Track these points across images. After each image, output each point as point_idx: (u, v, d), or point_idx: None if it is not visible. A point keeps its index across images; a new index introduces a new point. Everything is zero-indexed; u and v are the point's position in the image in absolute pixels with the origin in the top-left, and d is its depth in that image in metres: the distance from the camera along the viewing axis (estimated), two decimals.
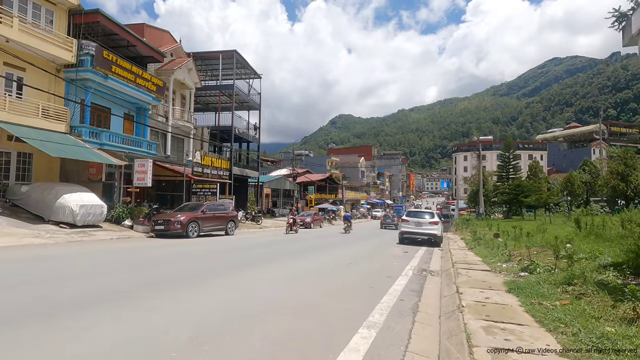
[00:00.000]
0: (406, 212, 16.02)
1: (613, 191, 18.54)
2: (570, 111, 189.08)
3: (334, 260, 9.14)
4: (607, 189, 19.00)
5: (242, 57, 28.68)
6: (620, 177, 18.31)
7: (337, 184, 62.03)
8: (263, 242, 14.27)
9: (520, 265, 7.97)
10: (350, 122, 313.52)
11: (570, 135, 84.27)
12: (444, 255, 11.46)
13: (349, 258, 9.74)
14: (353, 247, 13.58)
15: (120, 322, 3.78)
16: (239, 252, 10.56)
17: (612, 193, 18.73)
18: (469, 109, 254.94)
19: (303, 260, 8.94)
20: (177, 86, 25.04)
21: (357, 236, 20.19)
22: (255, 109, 32.75)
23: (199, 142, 26.86)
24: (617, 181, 18.31)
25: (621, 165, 18.56)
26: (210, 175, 23.19)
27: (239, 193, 31.48)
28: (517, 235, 12.35)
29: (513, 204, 30.91)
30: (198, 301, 4.77)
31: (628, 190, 17.84)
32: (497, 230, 17.40)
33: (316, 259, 9.26)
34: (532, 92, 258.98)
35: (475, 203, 45.77)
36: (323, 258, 9.59)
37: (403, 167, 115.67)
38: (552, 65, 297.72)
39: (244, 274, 6.81)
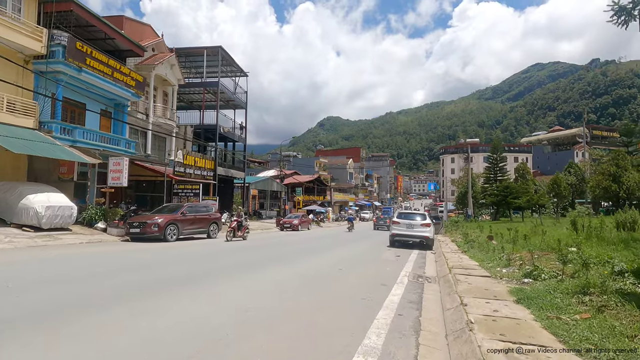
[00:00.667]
0: (397, 214, 15.43)
1: (605, 192, 18.45)
2: (552, 115, 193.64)
3: (323, 266, 8.44)
4: (599, 190, 18.89)
5: (228, 53, 27.78)
6: (612, 179, 18.20)
7: (325, 185, 61.40)
8: (247, 245, 13.46)
9: (522, 270, 7.42)
10: (338, 124, 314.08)
11: (554, 139, 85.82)
12: (438, 259, 10.89)
13: (339, 263, 9.05)
14: (343, 250, 12.90)
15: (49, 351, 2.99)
16: (219, 257, 9.75)
17: (604, 194, 18.62)
18: (455, 113, 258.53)
19: (289, 266, 8.21)
20: (159, 82, 23.98)
21: (348, 238, 19.54)
22: (241, 107, 31.84)
23: (182, 141, 25.83)
24: (609, 182, 18.20)
25: (613, 167, 18.48)
26: (193, 175, 22.20)
27: (224, 194, 30.50)
28: (513, 237, 11.89)
29: (501, 206, 30.83)
30: (165, 315, 4.00)
31: (620, 191, 17.76)
32: (488, 232, 17.00)
33: (304, 265, 8.54)
34: (516, 97, 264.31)
35: (464, 205, 45.75)
36: (311, 263, 8.88)
37: (391, 169, 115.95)
38: (535, 70, 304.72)
39: (222, 283, 6.04)
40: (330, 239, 19.24)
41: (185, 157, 21.20)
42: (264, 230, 24.35)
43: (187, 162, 21.55)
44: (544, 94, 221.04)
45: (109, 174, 15.04)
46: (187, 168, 21.65)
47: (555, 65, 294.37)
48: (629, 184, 17.71)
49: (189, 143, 26.06)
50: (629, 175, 17.99)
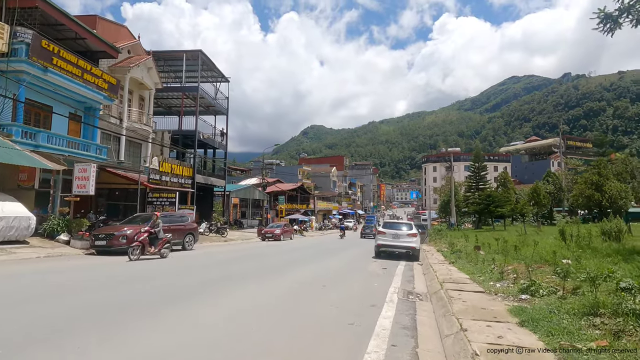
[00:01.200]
0: (382, 224, 14.94)
1: (588, 201, 18.61)
2: (528, 126, 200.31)
3: (305, 283, 7.76)
4: (582, 199, 19.06)
5: (208, 58, 27.00)
6: (595, 187, 18.40)
7: (308, 193, 60.72)
8: (224, 258, 12.61)
9: (518, 285, 6.97)
10: (322, 132, 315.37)
11: (531, 148, 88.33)
12: (426, 272, 10.38)
13: (323, 278, 8.39)
14: (327, 262, 12.23)
15: None
16: (191, 273, 8.91)
17: (587, 203, 18.78)
18: (436, 122, 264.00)
19: (267, 283, 7.48)
20: (135, 86, 22.93)
21: (332, 249, 18.90)
22: (222, 113, 30.96)
23: (158, 148, 24.72)
24: (592, 191, 18.39)
25: (595, 175, 18.71)
26: (169, 183, 21.14)
27: (204, 203, 29.39)
28: (502, 248, 11.55)
29: (484, 214, 30.96)
30: (115, 349, 3.24)
31: (603, 200, 17.93)
32: (474, 241, 16.72)
33: (283, 281, 7.83)
34: (493, 108, 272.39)
35: (446, 213, 45.95)
36: (292, 279, 8.18)
37: (374, 177, 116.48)
38: (511, 83, 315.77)
39: (187, 307, 5.27)
40: (314, 249, 18.54)
41: (161, 164, 20.15)
42: (244, 241, 23.41)
43: (163, 169, 20.50)
44: (520, 105, 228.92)
45: (74, 181, 13.92)
46: (163, 176, 20.58)
47: (530, 78, 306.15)
48: (611, 192, 17.92)
49: (166, 150, 24.95)
50: (611, 184, 18.24)
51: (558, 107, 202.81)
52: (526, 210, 27.67)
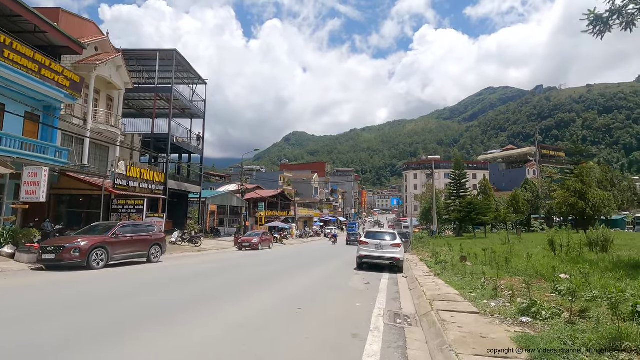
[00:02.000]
0: (365, 233, 14.17)
1: (572, 209, 18.52)
2: (504, 135, 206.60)
3: (278, 304, 6.81)
4: (565, 207, 19.00)
5: (184, 58, 25.78)
6: (578, 195, 18.32)
7: (289, 200, 59.57)
8: (189, 273, 11.46)
9: (516, 305, 6.26)
10: (304, 139, 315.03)
11: (508, 157, 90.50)
12: (412, 286, 9.61)
13: (299, 297, 7.45)
14: (306, 276, 11.29)
15: None
16: (149, 292, 7.78)
17: (570, 211, 18.72)
18: (416, 131, 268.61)
19: (231, 307, 6.47)
20: (103, 85, 21.47)
21: (312, 259, 17.94)
22: (199, 117, 29.66)
23: (128, 152, 23.20)
24: (576, 199, 18.29)
25: (578, 183, 18.65)
26: (138, 189, 19.70)
27: (178, 210, 27.91)
28: (490, 259, 10.94)
29: (465, 222, 30.82)
30: None
31: (587, 208, 17.85)
32: (459, 250, 16.17)
33: (252, 303, 6.84)
34: (471, 117, 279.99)
35: (428, 220, 45.88)
36: (263, 299, 7.20)
37: (356, 184, 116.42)
38: (488, 93, 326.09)
39: (134, 339, 4.24)
40: (293, 259, 17.54)
41: (128, 169, 18.73)
42: (219, 251, 22.11)
43: (131, 174, 19.07)
44: (496, 115, 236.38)
45: (22, 187, 12.46)
46: (131, 181, 19.15)
47: (505, 89, 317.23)
48: (595, 200, 17.87)
49: (136, 154, 23.45)
50: (594, 192, 18.21)
51: (532, 118, 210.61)
52: (509, 218, 27.62)
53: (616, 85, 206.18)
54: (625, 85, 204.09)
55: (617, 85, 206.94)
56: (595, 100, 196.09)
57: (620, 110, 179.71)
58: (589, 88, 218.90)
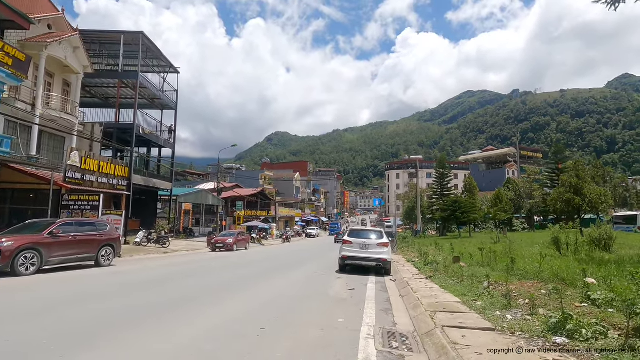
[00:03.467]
0: (349, 232, 12.71)
1: (567, 205, 17.71)
2: (482, 137, 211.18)
3: (237, 321, 5.25)
4: (560, 204, 18.18)
5: (153, 43, 23.70)
6: (574, 191, 17.51)
7: (270, 199, 57.69)
8: (145, 278, 9.71)
9: (539, 318, 4.94)
10: (286, 139, 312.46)
11: (488, 157, 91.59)
12: (403, 292, 8.22)
13: (267, 311, 5.91)
14: (280, 281, 9.74)
15: None
16: (72, 307, 6.05)
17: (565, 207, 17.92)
18: (397, 132, 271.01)
19: (175, 325, 4.89)
20: (57, 68, 19.22)
21: (291, 261, 16.38)
22: (170, 108, 27.55)
23: (86, 144, 20.97)
24: (572, 195, 17.48)
25: (574, 178, 17.87)
26: (96, 183, 17.61)
27: (146, 209, 25.74)
28: (489, 259, 9.72)
29: (450, 221, 30.02)
30: None
31: (584, 204, 17.06)
32: (449, 250, 15.01)
33: (204, 321, 5.25)
34: (451, 120, 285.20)
35: (411, 220, 45.09)
36: (219, 315, 5.62)
37: (338, 184, 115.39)
38: (467, 97, 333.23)
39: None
40: (269, 262, 15.94)
41: (83, 160, 16.64)
42: (189, 252, 20.22)
43: (88, 166, 16.97)
44: (475, 118, 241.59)
45: None
46: (87, 174, 17.05)
47: (484, 93, 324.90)
48: (592, 196, 17.12)
49: (97, 146, 21.24)
50: (590, 188, 17.47)
51: (509, 121, 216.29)
52: (500, 216, 26.90)
53: (588, 91, 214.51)
54: (596, 90, 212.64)
55: (589, 90, 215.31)
56: (569, 105, 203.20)
57: (591, 114, 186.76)
58: (562, 93, 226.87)
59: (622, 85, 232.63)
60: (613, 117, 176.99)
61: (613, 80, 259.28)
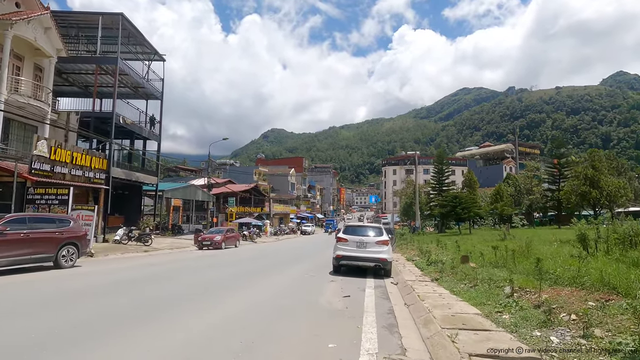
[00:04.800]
0: (344, 228, 11.36)
1: (582, 199, 16.52)
2: (478, 134, 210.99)
3: (213, 337, 3.92)
4: (575, 197, 17.01)
5: (135, 27, 22.12)
6: (590, 183, 16.28)
7: (263, 195, 56.20)
8: (110, 282, 8.35)
9: (598, 343, 3.67)
10: (282, 136, 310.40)
11: (485, 153, 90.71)
12: (409, 299, 6.91)
13: (235, 330, 4.57)
14: (260, 286, 8.41)
15: None
16: (20, 323, 4.67)
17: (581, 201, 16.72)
18: (393, 129, 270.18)
19: (127, 348, 3.55)
20: (27, 50, 17.65)
21: (281, 260, 15.03)
22: (155, 97, 25.99)
23: (63, 134, 19.44)
24: (588, 187, 16.27)
25: (589, 169, 16.66)
26: (68, 176, 16.14)
27: (129, 204, 24.23)
28: (504, 259, 8.46)
29: (450, 217, 28.88)
30: None
31: (601, 197, 15.84)
32: (454, 248, 13.78)
33: (152, 342, 3.92)
34: (447, 117, 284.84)
35: (408, 216, 43.92)
36: (176, 335, 4.27)
37: (334, 180, 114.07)
38: (463, 94, 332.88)
39: None
40: (258, 261, 14.60)
41: (53, 150, 15.14)
42: (173, 250, 18.81)
43: (58, 157, 15.48)
44: (471, 115, 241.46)
45: None
46: (58, 166, 15.56)
47: (480, 90, 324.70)
48: (610, 189, 15.87)
49: (73, 136, 19.69)
50: (607, 180, 16.26)
51: (505, 118, 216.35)
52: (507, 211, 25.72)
53: (583, 88, 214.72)
54: (591, 88, 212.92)
55: (584, 88, 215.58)
56: (564, 102, 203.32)
57: (586, 112, 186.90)
58: (557, 90, 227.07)
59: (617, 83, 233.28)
60: (608, 115, 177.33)
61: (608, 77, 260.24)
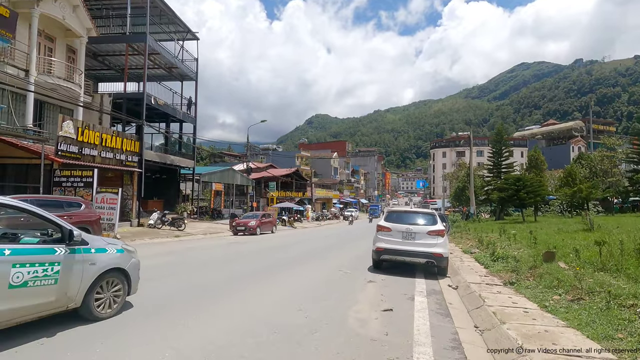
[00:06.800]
0: (386, 214, 9.14)
1: None
2: (538, 113, 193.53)
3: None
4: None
5: (166, 4, 21.17)
6: None
7: (305, 180, 55.07)
8: None
9: None
10: (326, 122, 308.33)
11: (549, 133, 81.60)
12: (481, 321, 4.73)
13: (252, 345, 2.81)
14: (278, 287, 6.69)
15: None
16: None
17: None
18: (442, 111, 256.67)
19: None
20: (58, 31, 17.30)
21: (316, 248, 13.32)
22: (190, 78, 25.22)
23: (97, 116, 19.17)
24: None
25: None
26: (99, 159, 15.66)
27: (168, 188, 23.96)
28: (614, 259, 5.94)
29: (512, 202, 25.30)
30: None
31: None
32: (528, 240, 11.07)
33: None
34: (502, 95, 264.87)
35: (460, 202, 40.21)
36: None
37: (379, 164, 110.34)
38: (521, 69, 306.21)
39: None
40: (292, 249, 13.02)
41: (80, 132, 14.61)
42: (206, 236, 17.96)
43: (86, 139, 14.96)
44: (530, 92, 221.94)
45: None
46: (87, 148, 15.07)
47: (540, 64, 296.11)
48: None
49: (107, 119, 19.38)
50: None
51: (570, 94, 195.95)
52: (595, 194, 21.81)
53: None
54: None
55: None
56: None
57: None
58: (637, 59, 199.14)
59: None
60: None
61: None
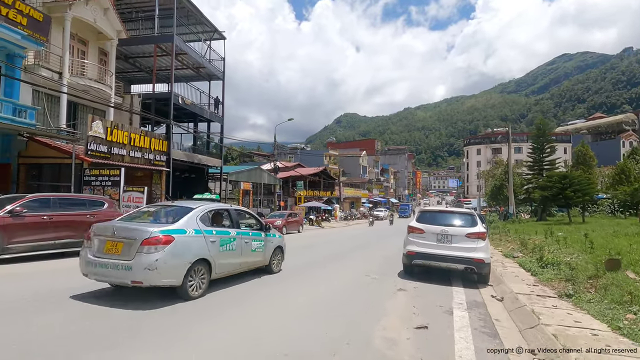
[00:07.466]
0: (418, 214, 8.24)
1: None
2: (582, 107, 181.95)
3: None
4: None
5: (193, 4, 21.26)
6: None
7: (333, 179, 54.39)
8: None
9: None
10: (355, 120, 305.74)
11: (595, 127, 75.77)
12: (538, 345, 3.88)
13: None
14: (289, 297, 6.09)
15: None
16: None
17: None
18: (476, 107, 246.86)
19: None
20: (90, 34, 17.75)
21: (341, 250, 12.63)
22: (218, 78, 25.31)
23: (128, 117, 19.55)
24: None
25: None
26: (128, 158, 15.86)
27: (196, 187, 24.13)
28: None
29: (555, 201, 23.31)
30: None
31: None
32: (581, 244, 9.80)
33: None
34: (541, 89, 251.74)
35: (497, 201, 37.96)
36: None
37: (409, 163, 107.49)
38: (562, 61, 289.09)
39: None
40: (312, 251, 12.45)
41: (109, 131, 14.81)
42: None
43: (115, 138, 15.16)
44: (573, 85, 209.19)
45: None
46: (116, 147, 15.27)
47: (584, 55, 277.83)
48: None
49: (137, 119, 19.73)
50: None
51: (618, 85, 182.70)
52: None
53: None
54: None
55: None
56: None
57: None
58: None
59: None
60: None
61: None
